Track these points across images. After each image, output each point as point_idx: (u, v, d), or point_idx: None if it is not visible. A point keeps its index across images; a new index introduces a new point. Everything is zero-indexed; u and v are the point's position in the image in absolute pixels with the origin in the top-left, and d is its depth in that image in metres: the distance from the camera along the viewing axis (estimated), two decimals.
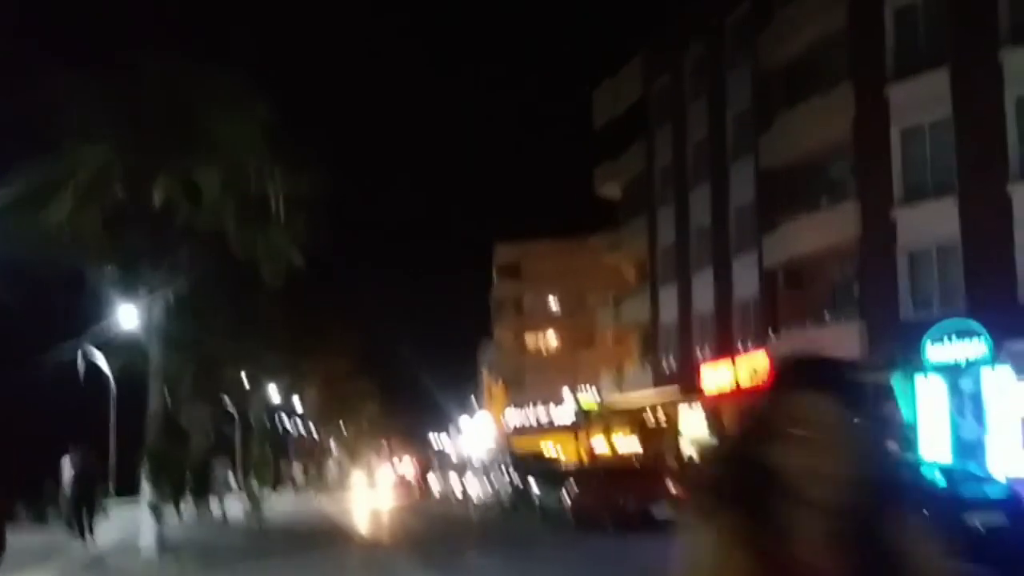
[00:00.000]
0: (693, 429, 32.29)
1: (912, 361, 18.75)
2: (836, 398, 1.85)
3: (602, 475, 25.77)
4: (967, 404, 17.12)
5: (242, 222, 17.84)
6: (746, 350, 30.43)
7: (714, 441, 29.86)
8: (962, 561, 10.10)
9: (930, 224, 23.35)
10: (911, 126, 24.16)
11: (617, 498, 22.49)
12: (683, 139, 36.69)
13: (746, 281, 31.63)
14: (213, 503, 28.90)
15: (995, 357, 16.86)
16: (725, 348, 32.16)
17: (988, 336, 16.88)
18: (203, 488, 28.74)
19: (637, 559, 17.79)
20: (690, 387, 32.69)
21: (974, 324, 17.23)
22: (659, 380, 37.48)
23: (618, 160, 42.91)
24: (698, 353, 34.73)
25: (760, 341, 29.61)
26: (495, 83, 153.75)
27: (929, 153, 23.85)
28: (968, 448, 16.91)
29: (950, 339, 17.41)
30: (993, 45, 21.84)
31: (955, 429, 17.29)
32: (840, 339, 25.44)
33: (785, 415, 1.88)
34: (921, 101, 23.67)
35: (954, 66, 22.87)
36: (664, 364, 37.94)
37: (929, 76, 23.42)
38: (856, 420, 1.81)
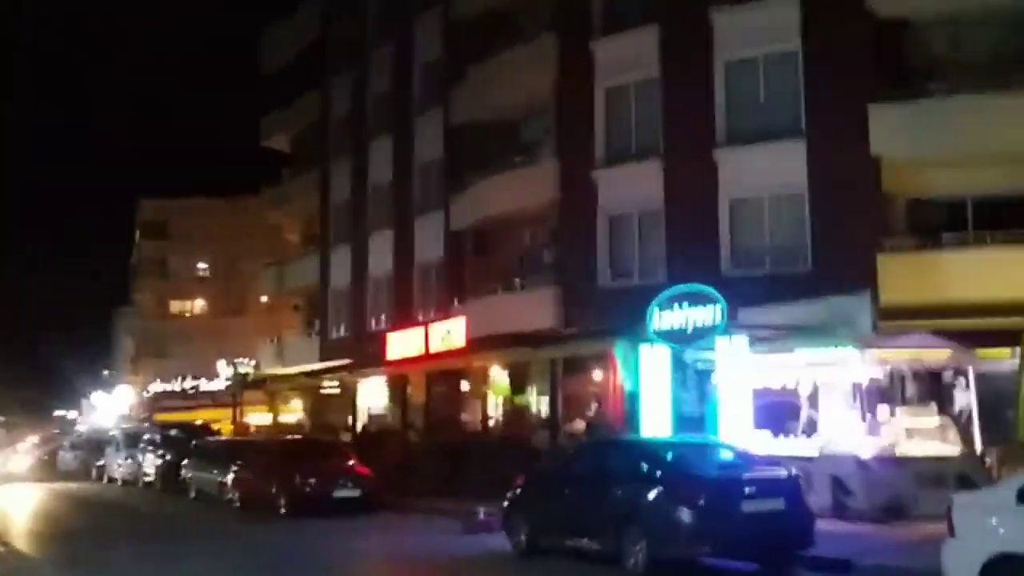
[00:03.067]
0: (371, 400, 29.83)
1: (635, 329, 17.44)
2: None
3: (275, 451, 22.71)
4: (695, 376, 16.07)
5: None
6: (428, 317, 28.44)
7: (400, 411, 27.65)
8: (737, 553, 8.40)
9: (633, 188, 22.48)
10: (616, 85, 23.13)
11: (293, 477, 19.89)
12: (364, 88, 33.91)
13: (430, 244, 29.60)
14: None
15: (729, 326, 15.88)
16: (405, 315, 30.01)
17: (724, 303, 15.84)
18: None
19: (318, 549, 15.17)
20: (364, 355, 30.17)
21: (709, 290, 16.15)
22: (328, 349, 34.68)
23: (289, 109, 39.28)
24: (374, 320, 32.36)
25: (444, 308, 27.74)
26: (145, 16, 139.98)
27: (634, 114, 22.95)
28: (695, 422, 15.89)
29: (680, 306, 16.21)
30: (704, 4, 21.16)
31: (678, 402, 16.19)
32: (534, 307, 24.16)
33: None
34: (628, 59, 22.68)
35: (664, 24, 22.03)
36: (334, 332, 35.18)
37: (637, 33, 22.45)
38: None
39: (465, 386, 26.11)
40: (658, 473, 11.35)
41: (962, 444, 15.37)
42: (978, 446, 15.36)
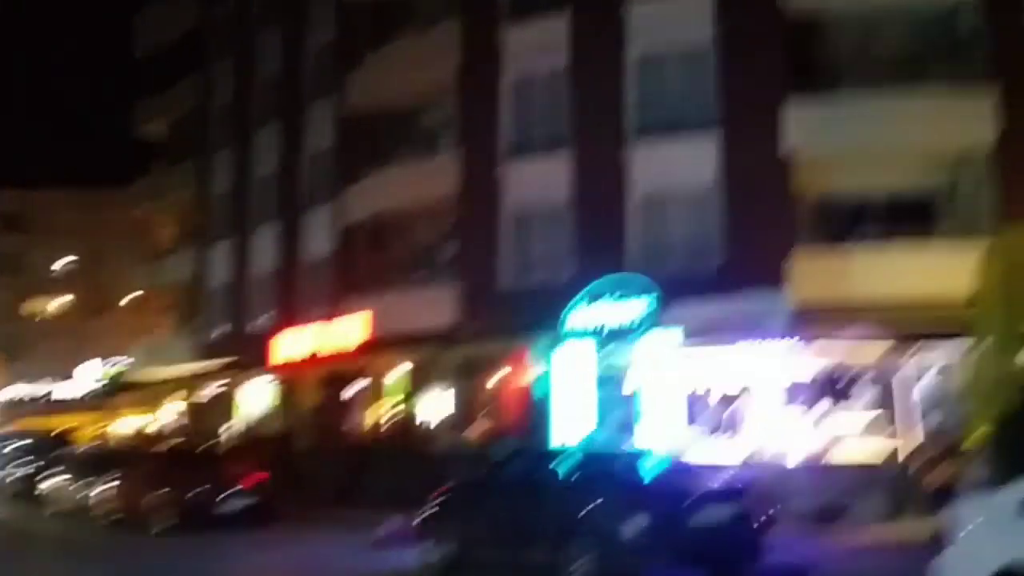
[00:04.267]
0: (255, 404, 28.07)
1: (547, 327, 16.52)
2: None
3: (152, 460, 20.95)
4: (622, 373, 15.24)
5: None
6: (317, 315, 26.96)
7: (287, 416, 26.05)
8: (685, 566, 7.61)
9: (539, 182, 21.58)
10: (524, 75, 22.19)
11: (175, 489, 18.22)
12: (250, 73, 32.08)
13: (319, 238, 28.10)
14: None
15: (659, 319, 15.09)
16: (291, 313, 28.40)
17: (658, 294, 15.02)
18: None
19: (209, 569, 13.74)
20: (247, 356, 28.44)
21: (641, 280, 15.28)
22: (206, 350, 32.66)
23: (166, 95, 36.90)
24: (257, 319, 30.58)
25: (335, 306, 26.31)
26: None
27: (542, 106, 22.05)
28: (623, 423, 15.07)
29: (609, 298, 15.31)
30: None
31: (606, 402, 15.32)
32: (432, 305, 23.06)
33: None
34: (537, 47, 21.76)
35: (575, 13, 21.24)
36: (213, 332, 33.19)
37: (547, 21, 21.56)
38: None
39: (359, 388, 24.74)
40: (603, 483, 10.45)
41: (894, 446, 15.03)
42: (914, 446, 15.01)
